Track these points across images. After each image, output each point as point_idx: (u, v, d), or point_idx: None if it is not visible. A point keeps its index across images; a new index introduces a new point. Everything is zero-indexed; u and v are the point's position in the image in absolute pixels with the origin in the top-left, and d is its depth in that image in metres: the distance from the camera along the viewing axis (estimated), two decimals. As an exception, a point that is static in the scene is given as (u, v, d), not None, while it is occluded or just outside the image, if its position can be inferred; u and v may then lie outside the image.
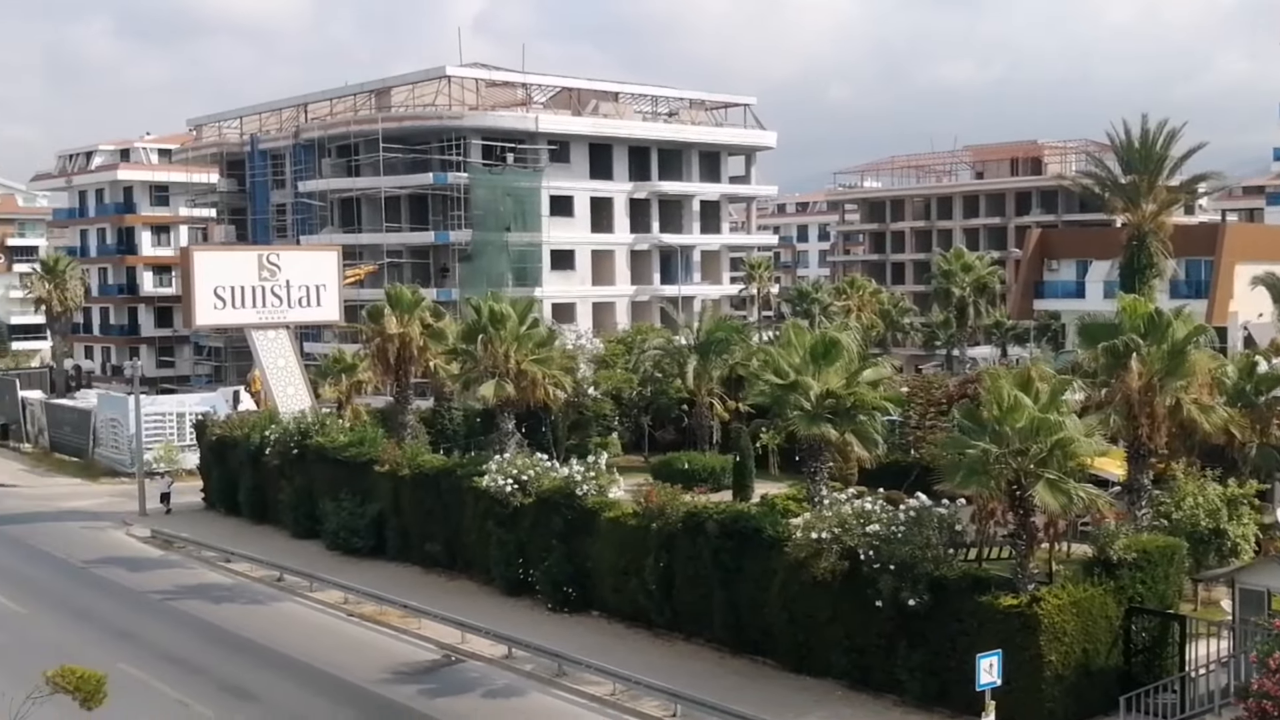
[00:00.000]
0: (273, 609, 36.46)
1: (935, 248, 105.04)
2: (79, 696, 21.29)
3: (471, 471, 37.44)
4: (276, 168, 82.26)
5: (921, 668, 26.13)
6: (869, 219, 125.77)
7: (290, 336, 51.33)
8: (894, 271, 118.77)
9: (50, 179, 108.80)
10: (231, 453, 49.11)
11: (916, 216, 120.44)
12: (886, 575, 26.09)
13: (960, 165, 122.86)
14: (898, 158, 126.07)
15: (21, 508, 52.46)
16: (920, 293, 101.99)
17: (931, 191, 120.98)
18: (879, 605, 26.34)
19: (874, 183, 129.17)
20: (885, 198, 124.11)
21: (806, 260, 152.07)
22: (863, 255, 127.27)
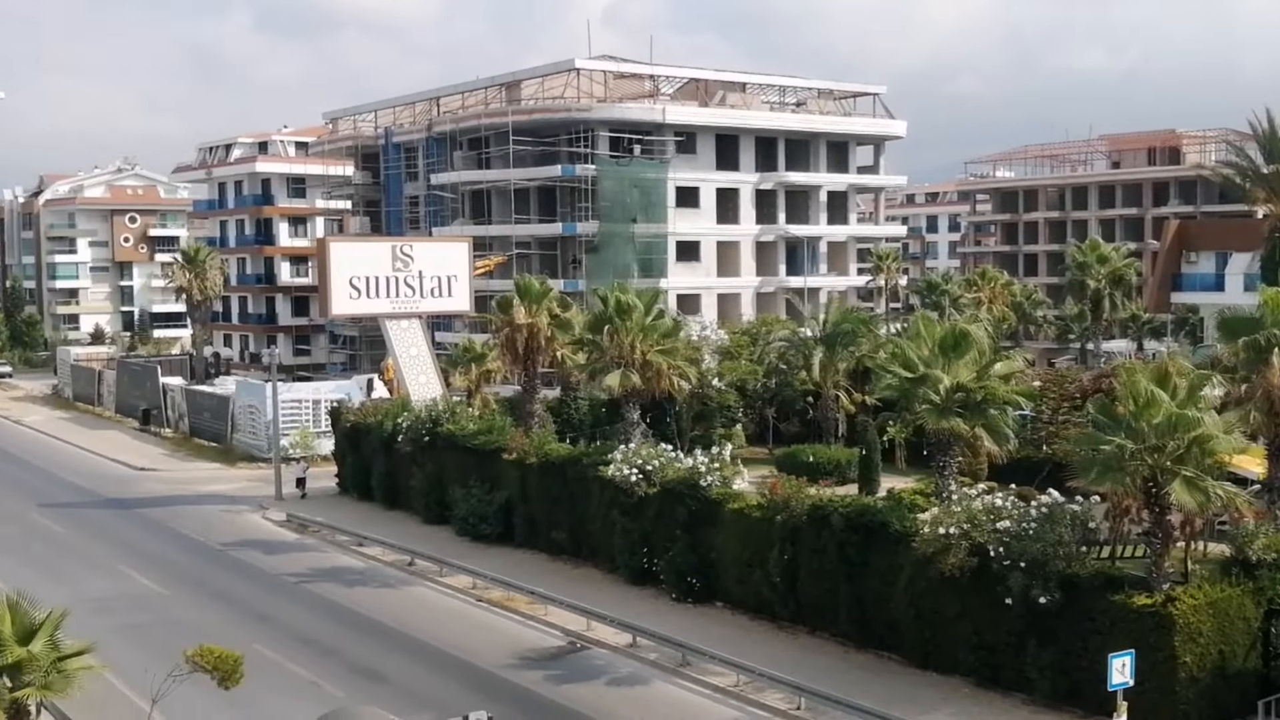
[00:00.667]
0: (403, 593, 37.20)
1: (1069, 239, 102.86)
2: (217, 676, 22.04)
3: (597, 461, 37.75)
4: (409, 160, 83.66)
5: (1051, 666, 25.72)
6: (1001, 209, 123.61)
7: (422, 326, 52.18)
8: (1026, 263, 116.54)
9: (191, 171, 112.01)
10: (365, 439, 50.16)
11: (1050, 207, 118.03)
12: (1017, 572, 25.73)
13: (1095, 155, 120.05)
14: (1030, 147, 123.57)
15: (162, 491, 54.19)
16: (1053, 285, 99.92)
17: (1065, 181, 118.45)
18: (1008, 602, 26.00)
19: (1006, 172, 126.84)
20: (1018, 187, 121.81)
21: (936, 251, 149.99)
22: (994, 246, 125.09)
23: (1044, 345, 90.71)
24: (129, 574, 39.45)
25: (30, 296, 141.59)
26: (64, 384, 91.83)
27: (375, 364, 72.98)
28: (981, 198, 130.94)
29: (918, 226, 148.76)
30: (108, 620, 32.40)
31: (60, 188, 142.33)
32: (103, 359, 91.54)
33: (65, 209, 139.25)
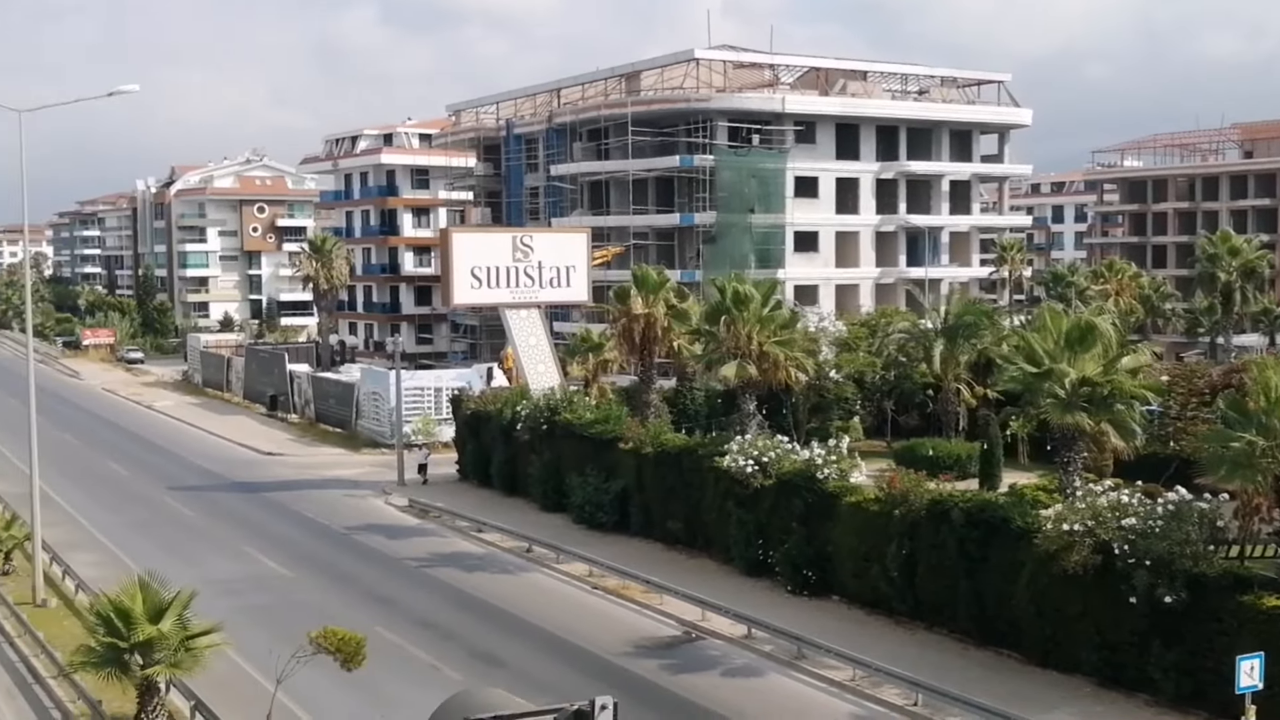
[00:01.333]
0: (521, 579, 37.61)
1: (1200, 230, 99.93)
2: (340, 658, 22.49)
3: (713, 451, 37.72)
4: (530, 152, 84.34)
5: (1176, 667, 25.10)
6: (1129, 200, 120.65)
7: (541, 316, 52.60)
8: (1155, 254, 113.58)
9: (318, 162, 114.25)
10: (485, 427, 50.76)
11: (1180, 197, 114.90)
12: (1142, 571, 25.14)
13: (1227, 144, 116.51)
14: (1160, 136, 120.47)
15: (288, 476, 55.45)
16: (1183, 277, 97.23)
17: (1196, 171, 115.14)
18: (1133, 601, 25.42)
19: (1134, 162, 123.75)
20: (1146, 177, 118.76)
21: (1061, 242, 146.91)
22: (1121, 237, 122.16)
23: (1172, 339, 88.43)
24: (255, 556, 40.45)
25: (162, 284, 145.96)
26: (194, 370, 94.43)
27: (495, 353, 73.78)
28: (1109, 188, 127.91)
29: (1043, 217, 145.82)
30: (234, 601, 33.24)
31: (191, 178, 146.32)
32: (231, 346, 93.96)
33: (196, 199, 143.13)
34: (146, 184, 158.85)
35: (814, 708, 26.89)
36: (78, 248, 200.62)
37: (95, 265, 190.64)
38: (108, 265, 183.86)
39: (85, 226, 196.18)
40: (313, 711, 25.73)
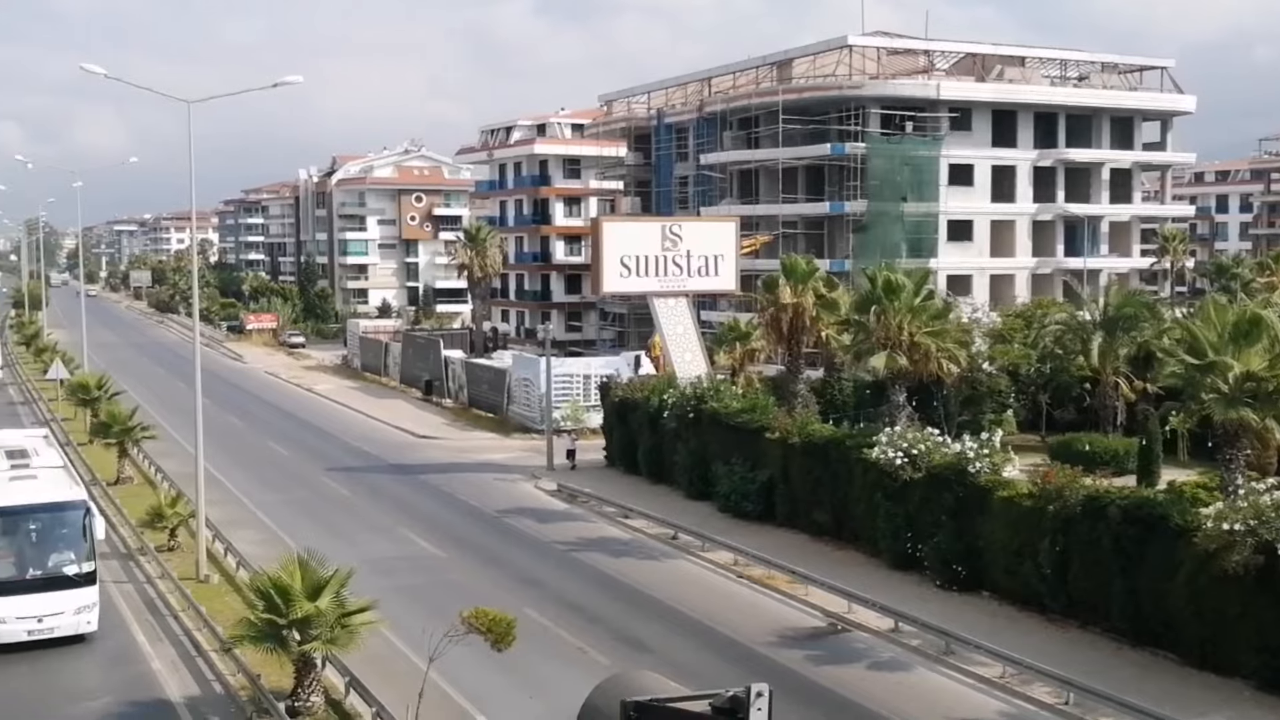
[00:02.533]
0: (667, 565, 37.81)
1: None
2: (490, 638, 22.87)
3: (861, 443, 37.42)
4: (680, 141, 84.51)
5: (1344, 675, 24.16)
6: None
7: (689, 304, 52.72)
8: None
9: (473, 153, 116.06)
10: (632, 414, 51.12)
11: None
12: (1307, 573, 24.24)
13: None
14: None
15: (441, 459, 56.57)
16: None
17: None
18: (1298, 605, 24.53)
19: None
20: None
21: (1226, 233, 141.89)
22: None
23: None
24: (409, 536, 41.39)
25: (323, 271, 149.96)
26: (353, 355, 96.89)
27: (643, 341, 74.16)
28: (1276, 176, 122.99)
29: (1206, 206, 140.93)
30: (388, 580, 34.06)
31: (351, 168, 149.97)
32: (389, 332, 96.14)
33: (356, 188, 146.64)
34: (309, 173, 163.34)
35: (962, 704, 26.53)
36: (243, 235, 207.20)
37: (259, 252, 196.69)
38: (271, 252, 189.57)
39: (250, 214, 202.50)
40: (463, 690, 26.25)
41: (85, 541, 30.60)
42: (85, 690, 27.42)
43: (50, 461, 35.83)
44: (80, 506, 31.04)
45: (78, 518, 30.78)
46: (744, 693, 11.18)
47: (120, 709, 26.09)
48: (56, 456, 37.46)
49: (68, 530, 30.72)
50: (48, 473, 34.02)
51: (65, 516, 30.86)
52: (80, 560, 30.23)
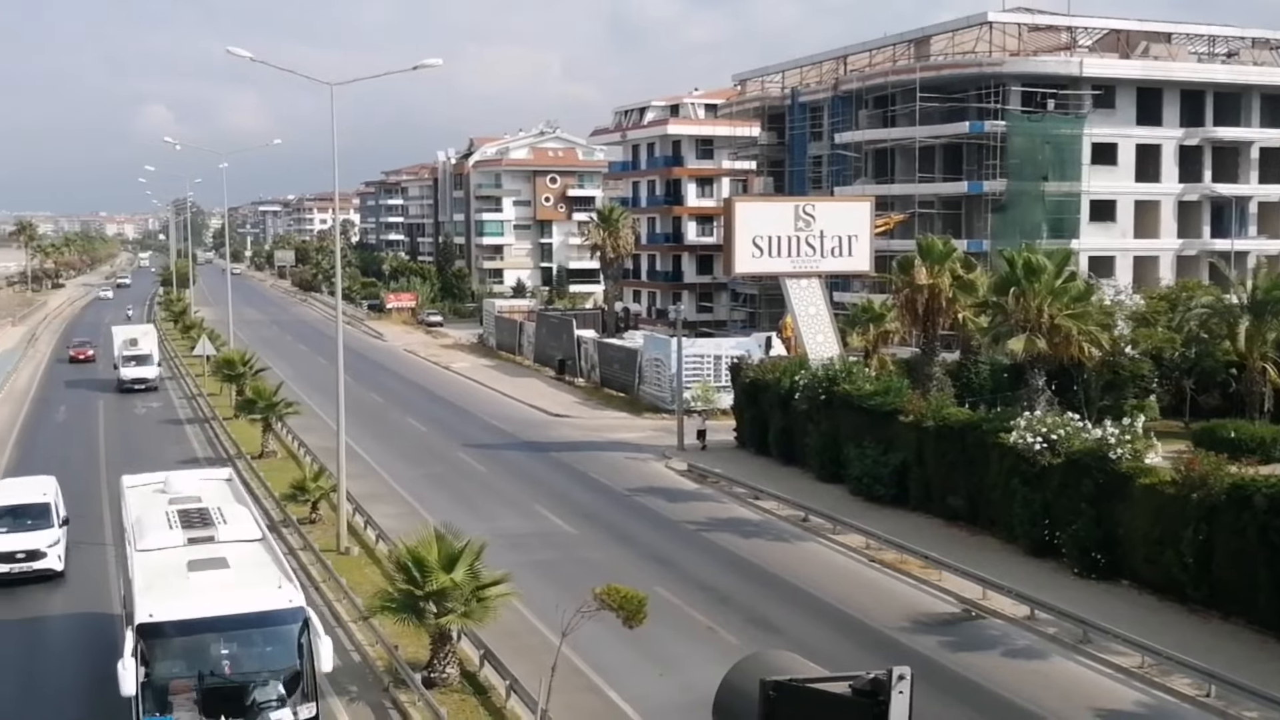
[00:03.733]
0: (797, 547, 37.71)
1: None
2: (622, 615, 23.05)
3: (998, 427, 36.82)
4: (814, 120, 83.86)
5: None
6: None
7: (821, 285, 52.33)
8: None
9: (607, 134, 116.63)
10: (763, 395, 51.00)
11: None
12: None
13: None
14: None
15: (574, 437, 57.11)
16: None
17: None
18: None
19: None
20: None
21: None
22: None
23: None
24: (542, 513, 41.90)
25: (460, 252, 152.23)
26: (488, 333, 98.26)
27: (774, 322, 73.89)
28: None
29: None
30: (521, 555, 34.58)
31: (488, 150, 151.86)
32: (523, 311, 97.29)
33: (492, 170, 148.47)
34: (447, 155, 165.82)
35: (1099, 693, 26.02)
36: (383, 215, 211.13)
37: (398, 233, 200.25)
38: (410, 233, 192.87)
39: (390, 195, 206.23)
40: (595, 665, 26.55)
41: (301, 672, 20.67)
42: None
43: (242, 529, 24.81)
44: (296, 617, 20.74)
45: (291, 635, 20.73)
46: (885, 675, 11.12)
47: (264, 675, 26.86)
48: (249, 520, 25.56)
49: (275, 652, 20.87)
50: (242, 553, 23.36)
51: (274, 633, 20.91)
52: (294, 704, 20.27)
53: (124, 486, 29.38)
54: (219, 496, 27.86)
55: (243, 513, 26.27)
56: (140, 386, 71.99)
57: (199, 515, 25.31)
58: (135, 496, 28.16)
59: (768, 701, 11.47)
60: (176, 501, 26.71)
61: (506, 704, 24.54)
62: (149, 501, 27.27)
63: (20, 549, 34.27)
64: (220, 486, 29.45)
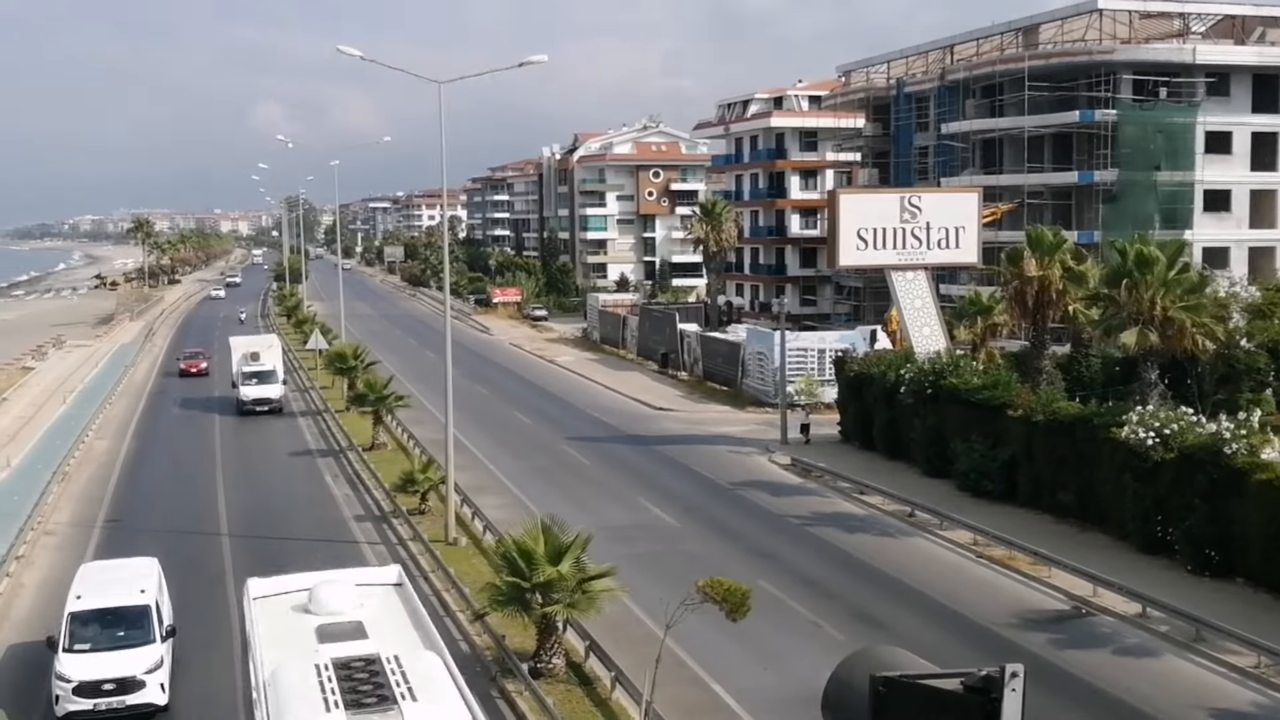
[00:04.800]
0: (903, 543, 37.46)
1: None
2: (725, 608, 23.14)
3: (1109, 421, 36.20)
4: (920, 111, 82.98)
5: None
6: None
7: (928, 278, 51.84)
8: None
9: (710, 127, 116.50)
10: (868, 389, 50.67)
11: None
12: None
13: None
14: None
15: (677, 430, 57.24)
16: None
17: None
18: None
19: None
20: None
21: None
22: None
23: None
24: (645, 505, 42.11)
25: (564, 246, 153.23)
26: (592, 327, 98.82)
27: (879, 315, 73.28)
28: None
29: None
30: (625, 548, 34.80)
31: (592, 145, 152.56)
32: (626, 305, 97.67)
33: (596, 165, 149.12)
34: (552, 151, 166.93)
35: (1212, 693, 25.52)
36: (489, 211, 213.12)
37: (504, 228, 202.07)
38: (515, 228, 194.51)
39: (496, 191, 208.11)
40: (698, 658, 26.67)
41: None
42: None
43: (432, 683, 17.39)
44: None
45: None
46: (998, 672, 11.00)
47: (375, 663, 27.38)
48: (440, 669, 18.15)
49: None
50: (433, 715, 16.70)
51: None
52: None
53: (249, 597, 22.35)
54: (392, 628, 20.29)
55: (430, 660, 18.36)
56: (263, 408, 62.91)
57: (369, 677, 17.35)
58: (267, 620, 20.87)
59: (877, 697, 11.43)
60: (330, 638, 19.37)
61: (611, 695, 24.76)
62: (287, 632, 20.14)
63: (109, 677, 24.07)
64: (389, 601, 22.05)
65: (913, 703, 11.36)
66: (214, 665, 27.24)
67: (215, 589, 33.37)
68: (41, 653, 25.88)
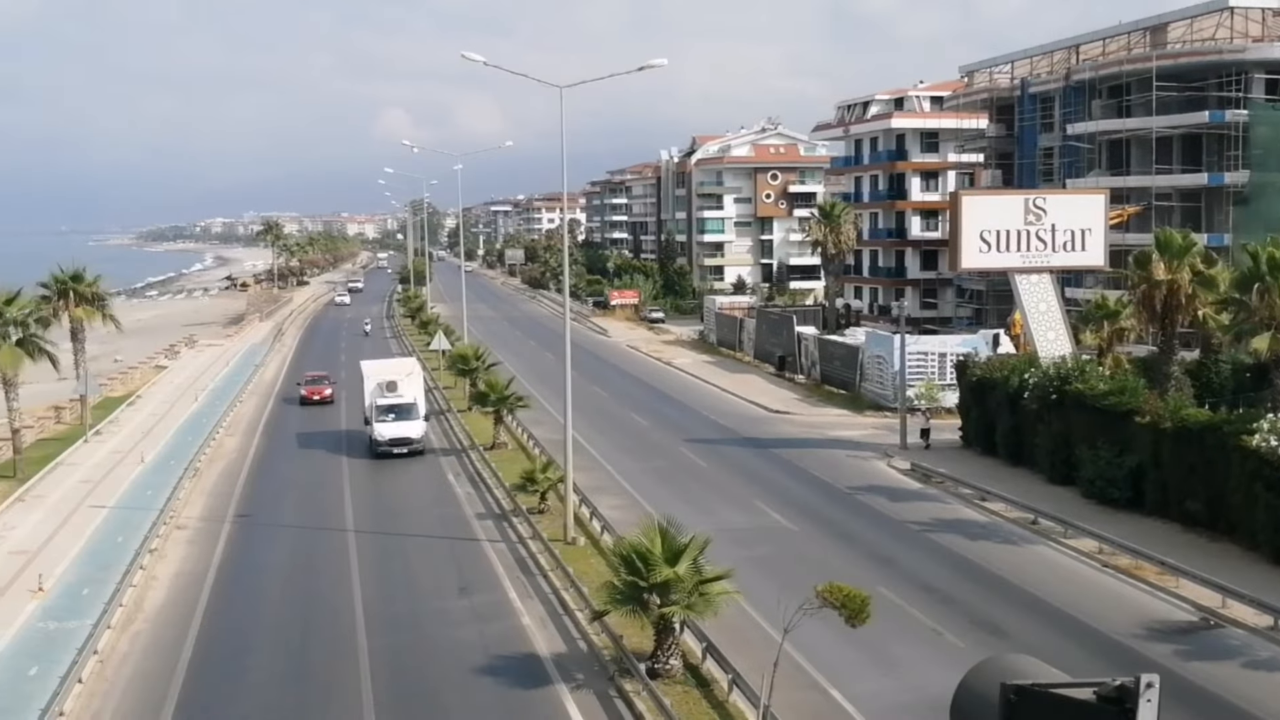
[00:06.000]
0: (1025, 550, 36.90)
1: None
2: (845, 613, 23.03)
3: (1239, 429, 35.23)
4: (1045, 111, 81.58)
5: None
6: None
7: (1052, 281, 51.01)
8: None
9: (829, 129, 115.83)
10: (990, 394, 49.99)
11: None
12: None
13: None
14: None
15: (793, 434, 57.06)
16: None
17: None
18: None
19: None
20: None
21: None
22: None
23: None
24: (762, 508, 42.06)
25: (681, 249, 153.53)
26: (709, 330, 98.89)
27: (1001, 319, 72.25)
28: None
29: None
30: (742, 551, 34.82)
31: (710, 147, 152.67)
32: (743, 308, 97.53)
33: (714, 168, 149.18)
34: (669, 154, 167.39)
35: (1349, 710, 24.73)
36: (607, 214, 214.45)
37: (622, 231, 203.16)
38: (633, 231, 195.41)
39: (614, 195, 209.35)
40: (816, 663, 26.59)
41: None
42: (463, 641, 29.44)
43: None
44: None
45: None
46: (1133, 683, 10.82)
47: (492, 661, 27.86)
48: None
49: None
50: None
51: None
52: None
53: None
54: None
55: None
56: (401, 450, 52.34)
57: None
58: None
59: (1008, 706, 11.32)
60: None
61: (729, 698, 24.81)
62: None
63: None
64: None
65: (1044, 712, 11.23)
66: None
67: (340, 586, 34.21)
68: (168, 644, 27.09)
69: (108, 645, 29.20)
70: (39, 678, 27.05)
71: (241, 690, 26.80)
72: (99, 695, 26.45)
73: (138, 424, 62.65)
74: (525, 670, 27.26)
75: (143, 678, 27.56)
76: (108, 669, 28.00)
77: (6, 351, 49.69)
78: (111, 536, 39.68)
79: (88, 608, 31.87)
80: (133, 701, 26.17)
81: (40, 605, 32.60)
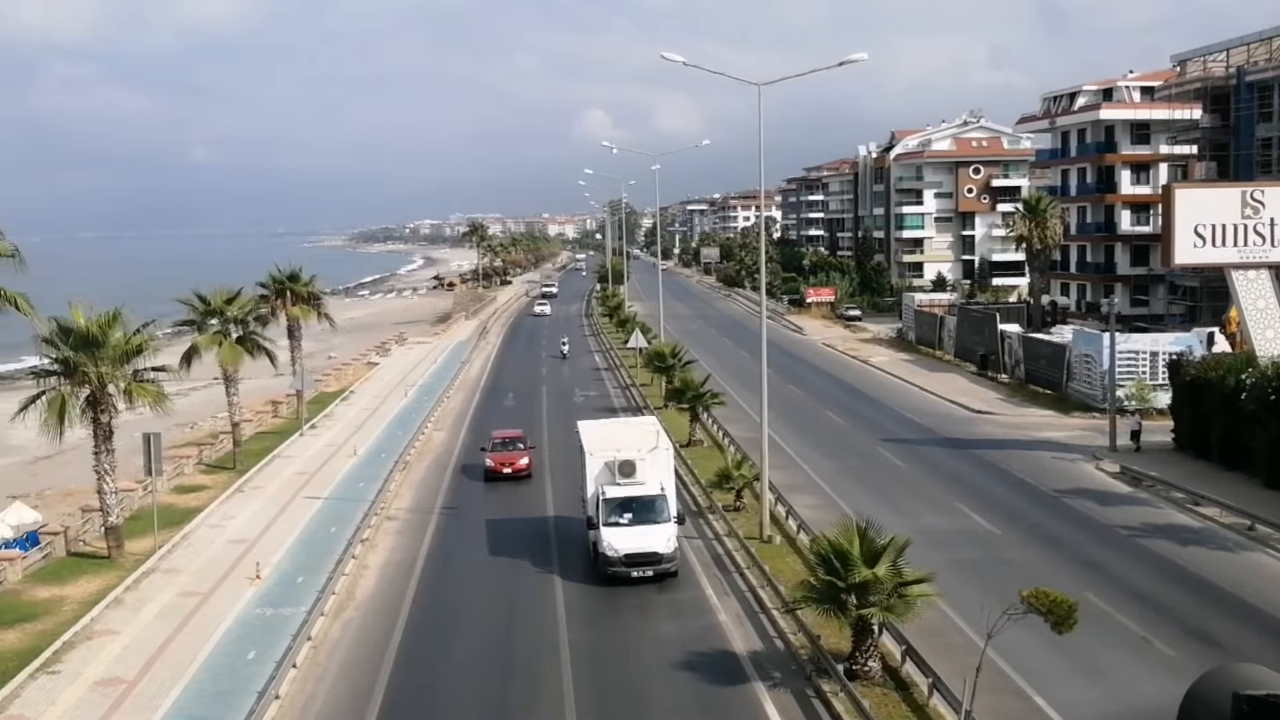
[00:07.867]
0: (1241, 557, 35.39)
1: None
2: (1050, 620, 22.51)
3: None
4: (1263, 100, 77.96)
5: None
6: None
7: (1271, 277, 48.81)
8: None
9: (1034, 121, 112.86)
10: (1205, 394, 48.07)
11: None
12: None
13: None
14: None
15: (996, 434, 55.84)
16: None
17: None
18: None
19: None
20: None
21: None
22: None
23: None
24: (963, 511, 41.31)
25: (879, 245, 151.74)
26: (907, 328, 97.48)
27: (1216, 316, 69.42)
28: None
29: None
30: (942, 553, 34.28)
31: (909, 142, 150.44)
32: (943, 305, 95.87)
33: (913, 162, 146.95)
34: (868, 149, 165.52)
35: None
36: (803, 211, 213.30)
37: (818, 228, 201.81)
38: (829, 228, 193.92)
39: (810, 191, 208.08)
40: (1020, 669, 26.02)
41: None
42: (662, 636, 29.77)
43: None
44: None
45: None
46: None
47: (689, 657, 28.09)
48: None
49: None
50: None
51: None
52: None
53: None
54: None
55: None
56: (643, 572, 33.71)
57: None
58: None
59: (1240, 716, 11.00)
60: None
61: (929, 702, 24.49)
62: None
63: None
64: None
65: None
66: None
67: (542, 581, 34.95)
68: (378, 632, 28.19)
69: (320, 631, 30.47)
70: (256, 661, 28.41)
71: (448, 678, 27.60)
72: (312, 680, 27.62)
73: (350, 418, 65.10)
74: (722, 667, 27.39)
75: (354, 664, 28.67)
76: (320, 654, 29.22)
77: (227, 348, 52.22)
78: (325, 526, 41.36)
79: (302, 595, 33.33)
80: (344, 686, 27.26)
81: (257, 592, 34.20)
